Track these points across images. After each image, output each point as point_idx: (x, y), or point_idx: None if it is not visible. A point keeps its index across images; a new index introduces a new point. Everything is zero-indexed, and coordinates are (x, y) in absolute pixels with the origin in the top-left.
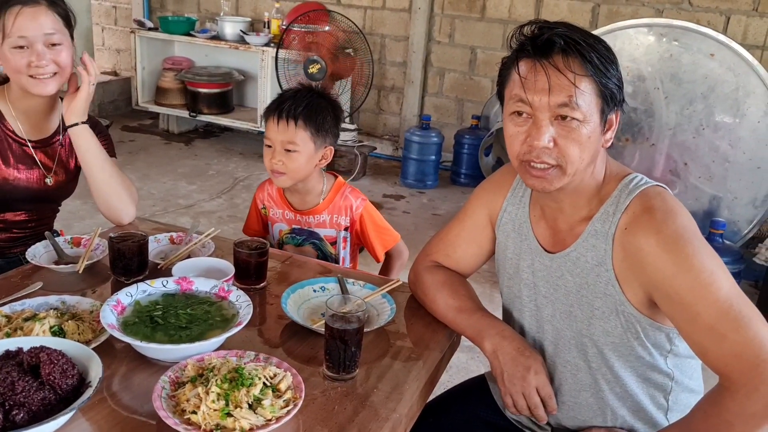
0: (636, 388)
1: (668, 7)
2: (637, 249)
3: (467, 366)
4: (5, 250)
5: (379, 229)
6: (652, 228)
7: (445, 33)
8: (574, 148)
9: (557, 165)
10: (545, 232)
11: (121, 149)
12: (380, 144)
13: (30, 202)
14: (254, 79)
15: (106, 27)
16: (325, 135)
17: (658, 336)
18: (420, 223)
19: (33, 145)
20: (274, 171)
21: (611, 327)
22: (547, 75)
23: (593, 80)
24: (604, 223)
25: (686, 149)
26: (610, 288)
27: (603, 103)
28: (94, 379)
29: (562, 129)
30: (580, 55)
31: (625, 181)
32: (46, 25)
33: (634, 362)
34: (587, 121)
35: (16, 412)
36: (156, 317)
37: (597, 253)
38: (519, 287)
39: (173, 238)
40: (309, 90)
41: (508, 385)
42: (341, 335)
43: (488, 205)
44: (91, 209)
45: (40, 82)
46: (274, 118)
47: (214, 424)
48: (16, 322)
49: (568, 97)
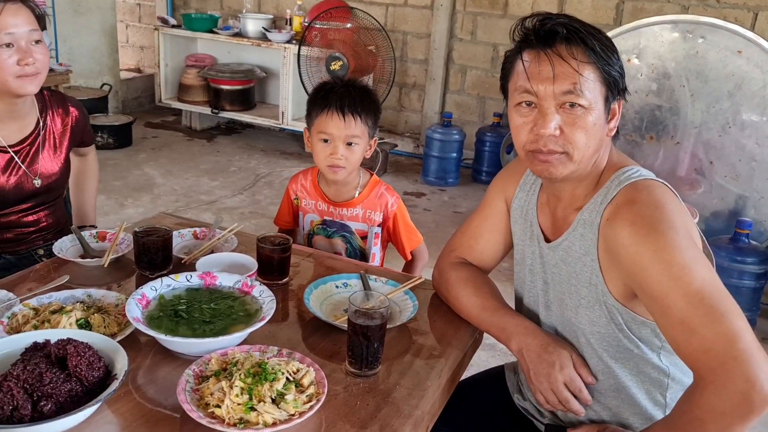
0: (629, 382)
1: (694, 3)
2: (614, 240)
3: (488, 364)
4: (15, 246)
5: (409, 228)
6: (627, 219)
7: (467, 30)
8: (580, 135)
9: (564, 152)
10: (547, 220)
11: (144, 145)
12: (401, 141)
13: (27, 201)
14: (276, 76)
15: (131, 24)
16: (376, 126)
17: (642, 330)
18: (441, 220)
19: (13, 150)
20: (333, 166)
21: (596, 317)
22: (552, 64)
23: (597, 67)
24: (591, 213)
25: (712, 148)
26: (594, 278)
27: (607, 90)
28: (120, 372)
29: (568, 117)
30: (583, 43)
31: (618, 172)
32: (29, 21)
33: (624, 354)
34: (592, 108)
35: (44, 403)
36: (180, 311)
37: (584, 243)
38: (524, 272)
39: (197, 234)
40: (352, 84)
41: (536, 382)
42: (364, 331)
43: (504, 191)
44: (115, 204)
45: (25, 80)
46: (335, 113)
47: (237, 418)
48: (44, 315)
49: (572, 85)
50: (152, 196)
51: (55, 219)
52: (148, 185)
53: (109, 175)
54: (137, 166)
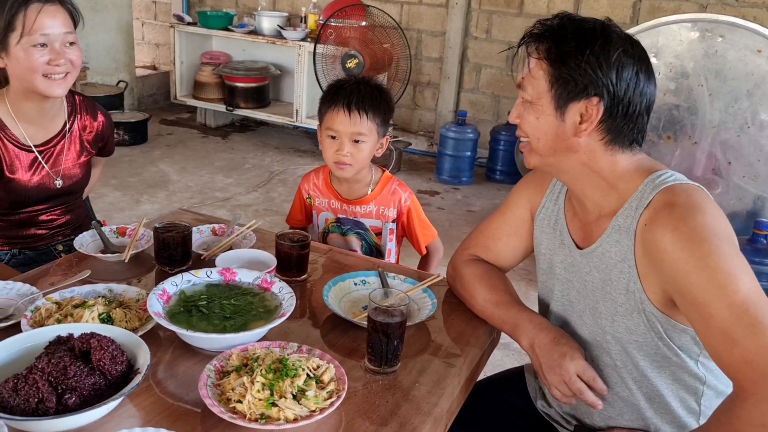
0: (665, 389)
1: (712, 2)
2: (655, 245)
3: (502, 363)
4: (35, 242)
5: (423, 223)
6: (669, 224)
7: (482, 28)
8: (525, 125)
9: (525, 140)
10: (577, 227)
11: (159, 142)
12: (415, 139)
13: (48, 201)
14: (291, 73)
15: (146, 22)
16: (386, 125)
17: (683, 338)
18: (454, 219)
19: (38, 150)
20: (339, 162)
21: (634, 325)
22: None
23: (547, 65)
24: (627, 218)
25: (730, 147)
26: (632, 285)
27: (558, 89)
28: (142, 366)
29: (522, 107)
30: (543, 41)
31: (652, 176)
32: (65, 23)
33: (662, 362)
34: (536, 103)
35: (68, 396)
36: (201, 307)
37: (620, 249)
38: (552, 282)
39: (215, 230)
40: (364, 81)
41: (548, 376)
42: (384, 329)
43: (530, 199)
44: (131, 200)
45: (53, 83)
46: (341, 110)
47: (258, 413)
48: (66, 309)
49: (522, 79)
50: (167, 192)
51: (75, 217)
52: (163, 182)
53: (125, 172)
54: (152, 163)
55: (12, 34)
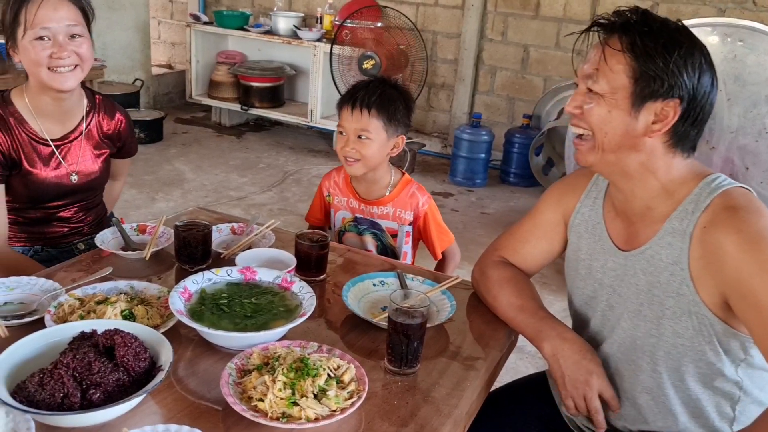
0: (701, 394)
1: (731, 6)
2: (716, 247)
3: (516, 366)
4: (55, 240)
5: (440, 228)
6: (733, 226)
7: (497, 31)
8: (592, 118)
9: (586, 134)
10: (619, 229)
11: (175, 140)
12: (429, 141)
13: (65, 197)
14: (306, 74)
15: (163, 21)
16: (397, 124)
17: (732, 343)
18: (468, 221)
19: (55, 144)
20: (347, 158)
21: (682, 328)
22: (598, 48)
23: (631, 60)
24: (682, 221)
25: (748, 153)
26: (684, 288)
27: (636, 85)
28: (165, 363)
29: (588, 98)
30: (623, 33)
31: (707, 180)
32: (68, 16)
33: (704, 368)
34: (609, 97)
35: (92, 392)
36: (222, 305)
37: (673, 252)
38: (593, 287)
39: (234, 229)
40: (381, 81)
41: (570, 388)
42: (405, 330)
43: (562, 204)
44: (146, 198)
45: (60, 76)
46: (348, 107)
47: (280, 412)
48: (89, 305)
49: (594, 70)
50: (182, 191)
51: (95, 215)
52: (179, 180)
53: (141, 170)
54: (168, 161)
55: (18, 29)
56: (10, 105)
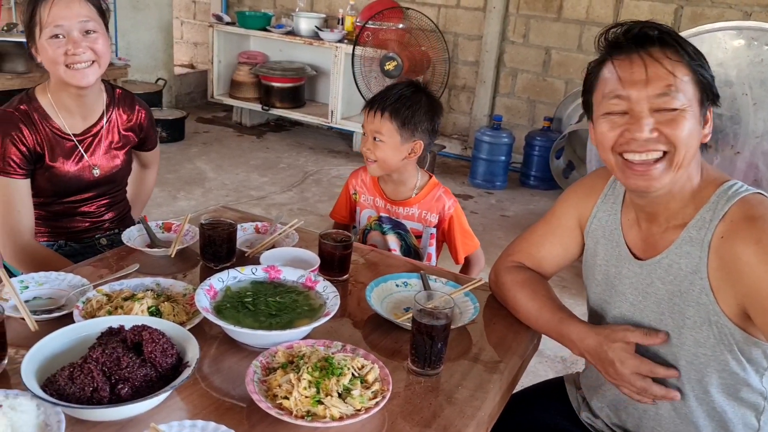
0: (726, 405)
1: (757, 9)
2: (735, 258)
3: (535, 370)
4: (79, 235)
5: (464, 233)
6: (752, 237)
7: (519, 33)
8: (678, 132)
9: (664, 154)
10: (637, 238)
11: (196, 140)
12: (449, 143)
13: (87, 191)
14: (326, 74)
15: (186, 21)
16: (413, 129)
17: (754, 352)
18: (488, 224)
19: (77, 139)
20: (367, 158)
21: (703, 338)
22: (645, 66)
23: (691, 69)
24: (700, 230)
25: None
26: (704, 297)
27: (701, 93)
28: (192, 360)
29: (664, 117)
30: (677, 44)
31: (723, 187)
32: (81, 12)
33: (728, 378)
34: (687, 109)
35: (121, 386)
36: (247, 303)
37: (691, 261)
38: (609, 293)
39: (258, 228)
40: (408, 84)
41: (611, 382)
42: (429, 331)
43: (578, 208)
44: (168, 196)
45: (77, 72)
46: (367, 108)
47: (305, 410)
48: (116, 301)
49: (667, 87)
50: (203, 189)
51: (118, 211)
52: (200, 179)
53: (162, 168)
54: (189, 160)
55: (36, 29)
56: (35, 101)
